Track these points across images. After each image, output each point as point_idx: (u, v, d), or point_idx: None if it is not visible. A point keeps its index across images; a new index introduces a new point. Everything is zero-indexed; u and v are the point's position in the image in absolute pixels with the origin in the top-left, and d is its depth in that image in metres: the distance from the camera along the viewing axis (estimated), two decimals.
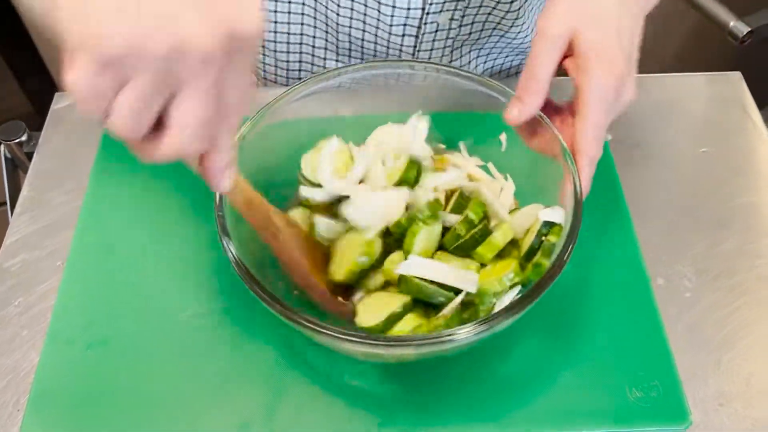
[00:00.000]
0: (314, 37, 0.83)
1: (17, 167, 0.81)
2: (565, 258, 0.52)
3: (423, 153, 0.66)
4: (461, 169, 0.66)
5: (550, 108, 0.61)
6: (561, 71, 0.59)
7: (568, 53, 0.57)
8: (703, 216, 0.71)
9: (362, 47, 0.81)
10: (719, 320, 0.64)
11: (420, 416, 0.58)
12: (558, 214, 0.58)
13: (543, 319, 0.62)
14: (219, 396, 0.59)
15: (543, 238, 0.57)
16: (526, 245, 0.59)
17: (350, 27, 0.79)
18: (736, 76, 0.84)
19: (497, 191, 0.65)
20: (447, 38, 0.80)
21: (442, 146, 0.70)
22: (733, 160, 0.76)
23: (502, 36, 0.84)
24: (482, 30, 0.81)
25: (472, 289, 0.56)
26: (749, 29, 1.13)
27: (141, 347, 0.62)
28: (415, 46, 0.80)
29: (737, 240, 0.70)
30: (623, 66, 0.55)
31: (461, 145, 0.69)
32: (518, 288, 0.57)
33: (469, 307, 0.56)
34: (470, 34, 0.81)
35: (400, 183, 0.63)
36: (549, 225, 0.58)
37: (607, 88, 0.54)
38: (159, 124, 0.40)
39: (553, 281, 0.51)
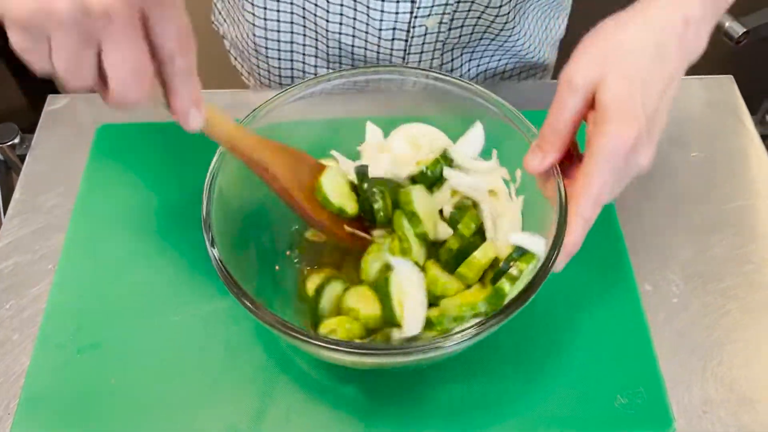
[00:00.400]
0: (304, 45, 0.83)
1: (10, 169, 0.82)
2: (528, 293, 0.51)
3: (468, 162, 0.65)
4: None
5: (573, 156, 0.58)
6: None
7: (593, 106, 0.53)
8: (692, 221, 0.72)
9: (352, 53, 0.81)
10: (706, 326, 0.64)
11: (405, 422, 0.58)
12: (534, 242, 0.56)
13: (529, 325, 0.62)
14: (208, 399, 0.60)
15: (512, 263, 0.56)
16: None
17: (340, 33, 0.79)
18: (728, 79, 0.84)
19: (503, 208, 0.63)
20: (437, 41, 0.80)
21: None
22: (724, 164, 0.76)
23: (492, 39, 0.84)
24: (472, 33, 0.81)
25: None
26: (745, 30, 1.13)
27: (131, 351, 0.62)
28: (405, 50, 0.80)
29: (726, 245, 0.70)
30: (642, 128, 0.50)
31: (494, 153, 0.65)
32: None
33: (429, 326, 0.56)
34: (460, 37, 0.81)
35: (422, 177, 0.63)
36: (522, 251, 0.56)
37: (618, 149, 0.50)
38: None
39: (520, 308, 0.50)
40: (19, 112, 1.50)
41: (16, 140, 0.80)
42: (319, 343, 0.49)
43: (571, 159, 0.57)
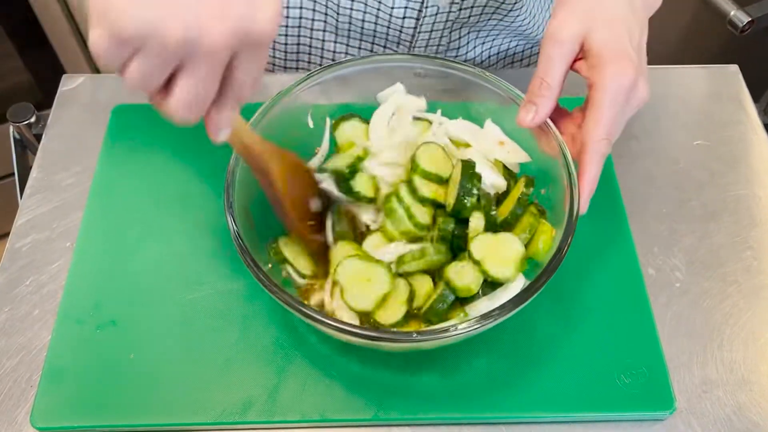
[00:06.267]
0: (313, 20, 0.84)
1: (26, 148, 0.83)
2: (562, 250, 0.55)
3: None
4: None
5: (564, 114, 0.62)
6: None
7: (579, 56, 0.58)
8: (695, 208, 0.73)
9: (362, 28, 0.82)
10: (707, 310, 0.66)
11: (417, 402, 0.60)
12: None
13: (535, 308, 0.64)
14: (225, 374, 0.62)
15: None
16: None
17: (351, 9, 0.80)
18: (733, 68, 0.86)
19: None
20: (447, 20, 0.81)
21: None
22: (727, 152, 0.78)
23: (501, 19, 0.85)
24: (482, 14, 0.82)
25: None
26: (750, 19, 1.13)
27: (149, 327, 0.64)
28: (415, 28, 0.81)
29: (727, 232, 0.72)
30: (636, 65, 0.55)
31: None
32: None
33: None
34: (470, 17, 0.82)
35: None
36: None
37: (621, 86, 0.55)
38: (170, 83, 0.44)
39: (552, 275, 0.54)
40: (27, 89, 1.50)
41: (32, 119, 0.81)
42: (329, 323, 0.52)
43: (560, 114, 0.61)
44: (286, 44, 0.88)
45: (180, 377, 0.61)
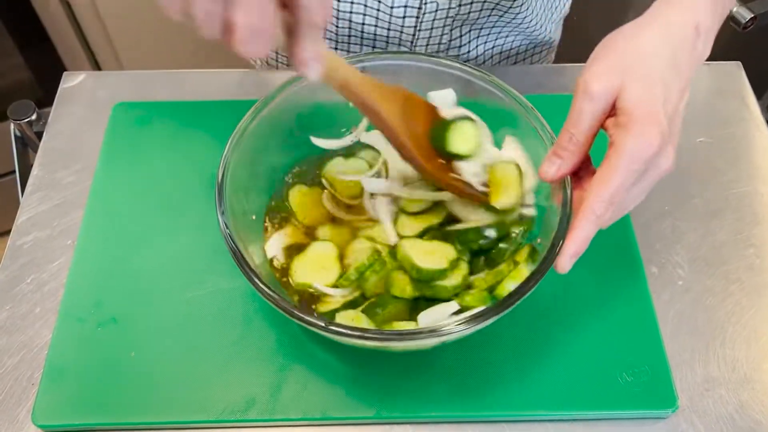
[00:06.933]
0: None
1: (27, 146, 0.82)
2: (528, 286, 0.53)
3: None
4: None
5: (588, 169, 0.58)
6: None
7: (611, 113, 0.53)
8: (698, 205, 0.73)
9: (362, 31, 0.82)
10: (709, 308, 0.66)
11: (419, 400, 0.60)
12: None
13: (537, 306, 0.64)
14: (227, 372, 0.61)
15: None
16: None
17: (350, 12, 0.80)
18: (736, 65, 0.85)
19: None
20: (447, 17, 0.81)
21: None
22: (730, 149, 0.78)
23: (501, 16, 0.85)
24: (482, 10, 0.82)
25: None
26: (752, 15, 1.13)
27: (150, 326, 0.64)
28: (415, 27, 0.81)
29: (730, 229, 0.71)
30: (665, 132, 0.51)
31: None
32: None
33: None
34: (470, 13, 0.82)
35: None
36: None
37: (643, 150, 0.50)
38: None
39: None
40: (27, 86, 1.50)
41: (33, 117, 0.81)
42: (322, 325, 0.51)
43: (585, 170, 0.57)
44: (286, 54, 0.88)
45: (181, 375, 0.61)
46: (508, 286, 0.57)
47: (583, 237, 0.52)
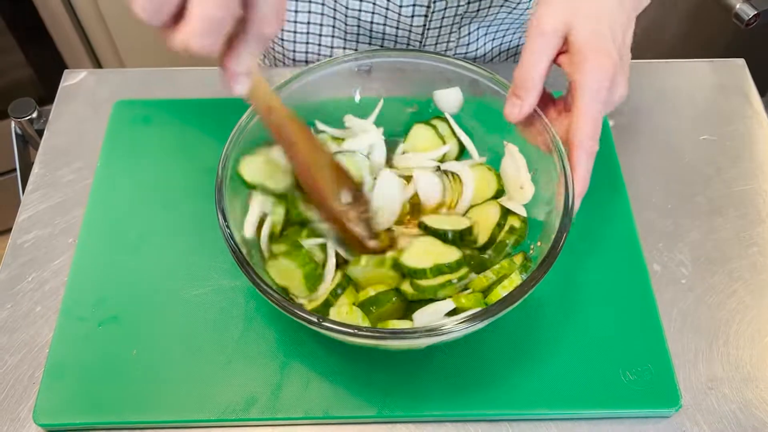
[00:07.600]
0: (321, 24, 0.84)
1: (28, 144, 0.82)
2: (554, 251, 0.54)
3: None
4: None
5: (546, 100, 0.61)
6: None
7: (563, 49, 0.58)
8: (701, 203, 0.73)
9: (371, 30, 0.82)
10: (713, 306, 0.66)
11: (421, 399, 0.60)
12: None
13: (539, 304, 0.64)
14: (228, 371, 0.61)
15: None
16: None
17: (360, 10, 0.79)
18: (739, 62, 0.85)
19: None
20: (455, 15, 0.80)
21: None
22: (733, 147, 0.78)
23: (509, 13, 0.85)
24: (491, 6, 0.82)
25: None
26: (756, 12, 1.12)
27: (151, 324, 0.64)
28: (424, 25, 0.80)
29: (733, 227, 0.71)
30: (616, 62, 0.55)
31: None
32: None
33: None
34: (478, 10, 0.81)
35: None
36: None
37: (601, 84, 0.55)
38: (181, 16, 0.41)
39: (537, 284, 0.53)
40: (28, 84, 1.50)
41: (34, 115, 0.80)
42: (315, 321, 0.51)
43: (545, 103, 0.60)
44: (294, 51, 0.87)
45: (182, 374, 0.61)
46: (501, 292, 0.57)
47: (585, 175, 0.57)
